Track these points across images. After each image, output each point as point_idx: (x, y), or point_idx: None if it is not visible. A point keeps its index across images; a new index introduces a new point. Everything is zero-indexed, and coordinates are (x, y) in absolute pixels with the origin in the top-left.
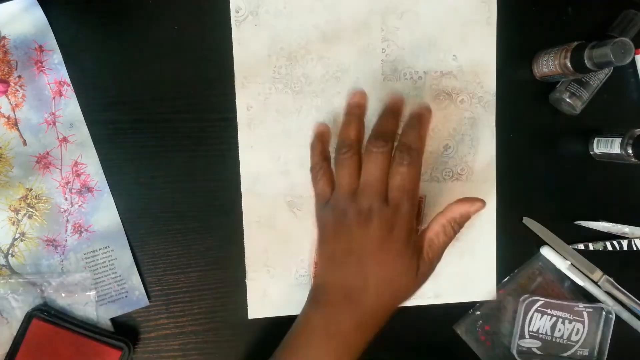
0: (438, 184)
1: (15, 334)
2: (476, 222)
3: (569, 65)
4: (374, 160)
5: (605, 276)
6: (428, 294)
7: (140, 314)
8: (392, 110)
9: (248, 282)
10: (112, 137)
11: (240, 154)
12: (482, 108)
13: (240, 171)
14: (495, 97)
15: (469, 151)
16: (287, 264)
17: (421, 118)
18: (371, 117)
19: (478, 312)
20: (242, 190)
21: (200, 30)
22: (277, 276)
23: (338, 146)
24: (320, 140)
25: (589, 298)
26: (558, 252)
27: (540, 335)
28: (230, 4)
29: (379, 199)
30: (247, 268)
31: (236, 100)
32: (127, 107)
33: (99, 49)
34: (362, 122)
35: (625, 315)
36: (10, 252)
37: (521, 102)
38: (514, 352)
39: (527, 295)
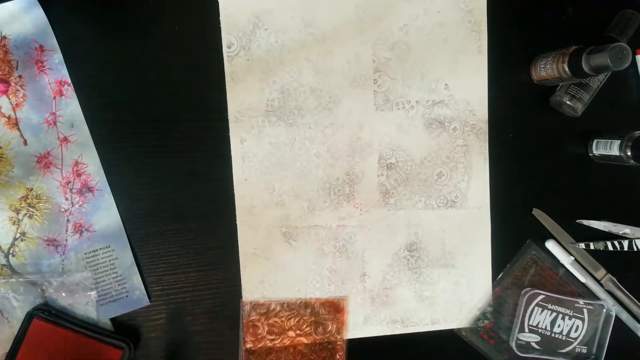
0: (433, 211)
1: (16, 333)
2: (471, 250)
3: (567, 69)
4: None
5: (609, 275)
6: (425, 321)
7: (140, 314)
8: None
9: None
10: (112, 137)
11: (234, 187)
12: (475, 136)
13: (235, 203)
14: (487, 125)
15: (463, 178)
16: (284, 295)
17: None
18: (363, 148)
19: (477, 312)
20: (237, 222)
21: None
22: None
23: None
24: None
25: (586, 288)
26: (563, 247)
27: (539, 330)
28: (222, 40)
29: None
30: (243, 297)
31: (230, 134)
32: (127, 107)
33: (99, 49)
34: None
35: (625, 316)
36: (11, 251)
37: (521, 104)
38: (513, 345)
39: (528, 289)
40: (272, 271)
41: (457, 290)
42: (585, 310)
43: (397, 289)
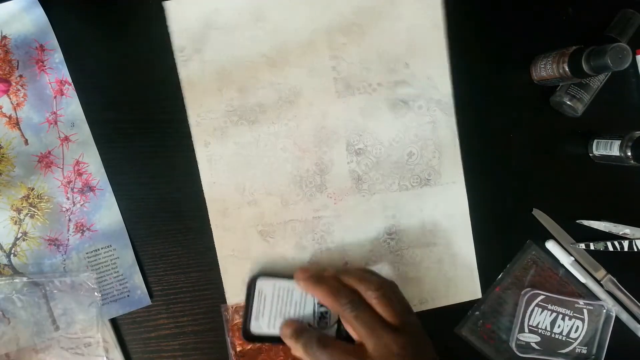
0: (408, 192)
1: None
2: (450, 225)
3: (567, 70)
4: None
5: (609, 275)
6: (413, 302)
7: (141, 314)
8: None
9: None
10: (113, 137)
11: (204, 192)
12: (441, 111)
13: (207, 208)
14: (452, 98)
15: (434, 155)
16: None
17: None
18: (329, 136)
19: (477, 312)
20: (211, 226)
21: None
22: None
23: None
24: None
25: (586, 289)
26: (563, 247)
27: (539, 330)
28: (173, 44)
29: None
30: (227, 301)
31: (192, 139)
32: (127, 107)
33: (99, 49)
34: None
35: (625, 317)
36: (12, 251)
37: (521, 104)
38: (513, 346)
39: (528, 289)
40: (253, 271)
41: (441, 267)
42: (585, 311)
43: (381, 273)
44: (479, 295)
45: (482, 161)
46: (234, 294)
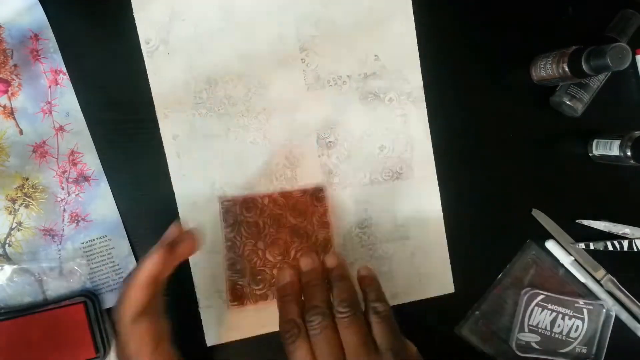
0: (379, 185)
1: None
2: (422, 219)
3: (567, 70)
4: (350, 328)
5: (609, 275)
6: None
7: None
8: (346, 276)
9: (202, 310)
10: (112, 137)
11: (173, 185)
12: (412, 104)
13: (176, 201)
14: (423, 91)
15: (405, 149)
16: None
17: (373, 280)
18: (300, 129)
19: (477, 312)
20: (180, 220)
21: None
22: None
23: (307, 315)
24: (291, 296)
25: (586, 288)
26: (563, 247)
27: (539, 330)
28: (139, 36)
29: None
30: (198, 296)
31: (160, 132)
32: (127, 107)
33: (99, 48)
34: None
35: (624, 316)
36: (7, 241)
37: (521, 104)
38: (513, 345)
39: (528, 289)
40: (225, 267)
41: (413, 261)
42: (585, 310)
43: (353, 267)
44: (452, 290)
45: (481, 161)
46: (206, 294)
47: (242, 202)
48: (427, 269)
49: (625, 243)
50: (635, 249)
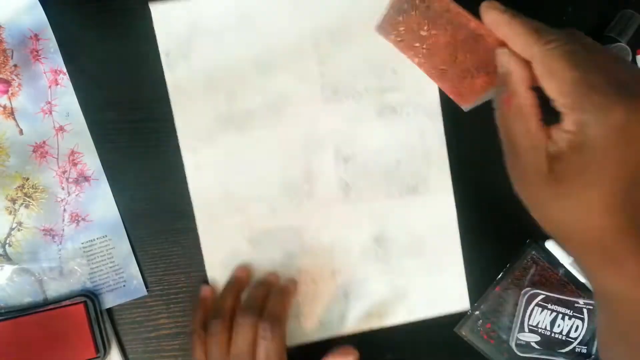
0: (396, 200)
1: None
2: (438, 234)
3: None
4: (241, 332)
5: None
6: (401, 312)
7: (141, 313)
8: (262, 282)
9: None
10: (112, 137)
11: (191, 198)
12: (428, 118)
13: (195, 214)
14: (440, 105)
15: (422, 163)
16: None
17: (285, 290)
18: (317, 143)
19: (477, 312)
20: (198, 233)
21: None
22: None
23: (210, 315)
24: (202, 305)
25: (586, 288)
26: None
27: (539, 330)
28: (159, 49)
29: None
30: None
31: (180, 145)
32: (127, 107)
33: (99, 49)
34: (238, 294)
35: None
36: (7, 241)
37: None
38: (513, 345)
39: (528, 288)
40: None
41: (429, 277)
42: (585, 310)
43: (369, 281)
44: (467, 306)
45: (481, 159)
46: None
47: None
48: (442, 284)
49: None
50: None
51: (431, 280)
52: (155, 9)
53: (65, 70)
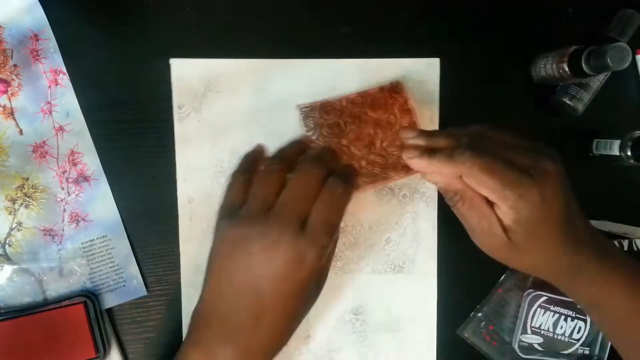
0: (380, 276)
1: None
2: (417, 315)
3: (567, 70)
4: (303, 178)
5: None
6: None
7: (141, 313)
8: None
9: None
10: (112, 137)
11: (180, 247)
12: (424, 203)
13: (181, 264)
14: (437, 192)
15: (411, 244)
16: None
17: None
18: None
19: (480, 314)
20: (181, 281)
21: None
22: None
23: (270, 158)
24: (254, 155)
25: None
26: None
27: (542, 332)
28: (173, 101)
29: (294, 225)
30: None
31: (177, 193)
32: (127, 107)
33: (99, 49)
34: (305, 147)
35: None
36: (7, 241)
37: (521, 104)
38: (516, 347)
39: (531, 290)
40: None
41: (401, 354)
42: None
43: (342, 352)
44: None
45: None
46: None
47: (320, 106)
48: None
49: (626, 243)
50: (635, 249)
51: (402, 358)
52: (174, 63)
53: (65, 70)
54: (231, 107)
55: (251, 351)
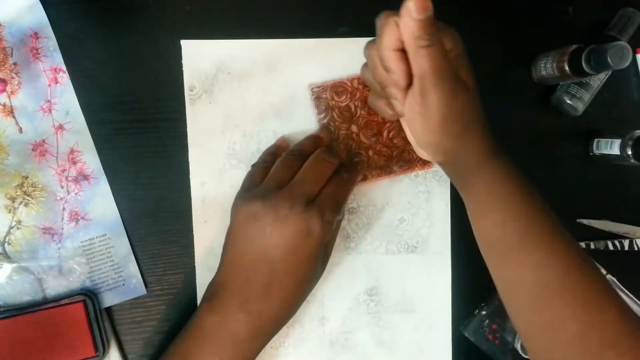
0: (394, 256)
1: None
2: (431, 295)
3: (567, 69)
4: (316, 164)
5: (609, 275)
6: None
7: (141, 313)
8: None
9: None
10: (112, 137)
11: (194, 229)
12: (437, 182)
13: (194, 246)
14: None
15: (424, 224)
16: None
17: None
18: None
19: (484, 312)
20: (195, 264)
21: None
22: None
23: (289, 149)
24: (276, 147)
25: None
26: None
27: None
28: (184, 82)
29: (303, 201)
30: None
31: (190, 176)
32: (127, 107)
33: (99, 49)
34: (320, 142)
35: None
36: (6, 240)
37: (521, 104)
38: (518, 347)
39: None
40: None
41: (416, 334)
42: None
43: (356, 333)
44: None
45: None
46: None
47: (332, 87)
48: (428, 343)
49: (626, 242)
50: (636, 248)
51: (417, 338)
52: (185, 45)
53: (65, 68)
54: (243, 89)
55: (262, 317)
